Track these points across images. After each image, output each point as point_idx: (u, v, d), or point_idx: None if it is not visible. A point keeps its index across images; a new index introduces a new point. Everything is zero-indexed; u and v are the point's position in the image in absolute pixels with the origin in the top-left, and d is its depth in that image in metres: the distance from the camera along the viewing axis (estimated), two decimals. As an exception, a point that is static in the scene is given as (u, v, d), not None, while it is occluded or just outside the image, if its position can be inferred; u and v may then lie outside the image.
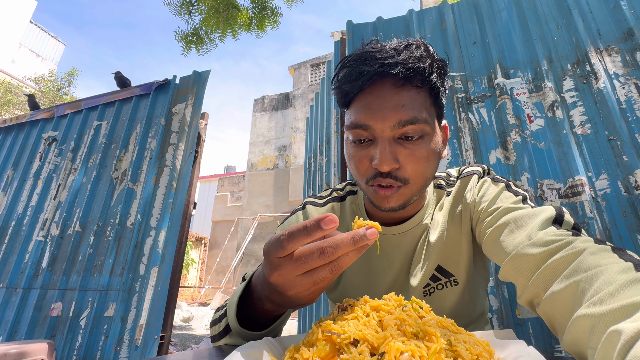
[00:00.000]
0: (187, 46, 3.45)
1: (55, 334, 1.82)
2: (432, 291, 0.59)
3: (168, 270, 1.79)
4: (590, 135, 1.30)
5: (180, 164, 2.05)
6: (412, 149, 0.50)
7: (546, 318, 0.37)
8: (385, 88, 0.49)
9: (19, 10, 14.72)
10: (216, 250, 11.56)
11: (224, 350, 0.42)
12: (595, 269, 0.31)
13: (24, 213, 2.36)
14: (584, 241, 0.36)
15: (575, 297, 0.32)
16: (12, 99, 9.71)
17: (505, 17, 1.59)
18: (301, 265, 0.32)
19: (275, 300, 0.38)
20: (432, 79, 0.50)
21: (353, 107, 0.52)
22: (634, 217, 1.16)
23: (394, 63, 0.48)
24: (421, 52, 0.50)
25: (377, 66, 0.48)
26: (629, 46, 1.33)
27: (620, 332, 0.24)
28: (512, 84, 1.47)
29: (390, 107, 0.48)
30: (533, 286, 0.38)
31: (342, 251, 0.31)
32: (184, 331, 5.02)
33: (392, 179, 0.50)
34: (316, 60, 10.59)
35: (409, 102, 0.49)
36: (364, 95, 0.51)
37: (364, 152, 0.51)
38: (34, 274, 2.07)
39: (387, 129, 0.49)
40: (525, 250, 0.40)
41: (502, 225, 0.48)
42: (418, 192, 0.53)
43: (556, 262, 0.36)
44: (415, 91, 0.50)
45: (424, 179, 0.52)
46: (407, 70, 0.48)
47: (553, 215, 0.44)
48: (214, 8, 3.16)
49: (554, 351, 1.15)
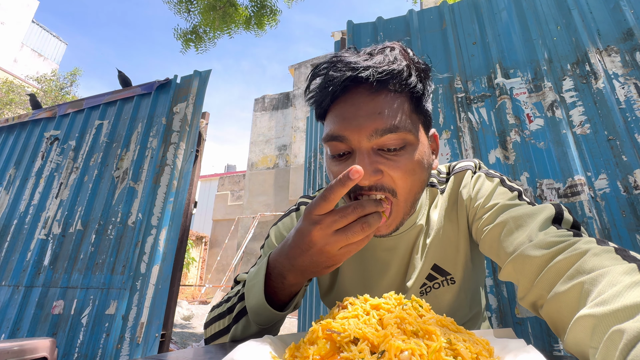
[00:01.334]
0: (185, 44, 3.47)
1: (57, 332, 1.84)
2: (429, 290, 0.59)
3: (169, 268, 1.80)
4: (589, 135, 1.30)
5: (181, 163, 2.06)
6: (395, 160, 0.46)
7: (549, 319, 0.37)
8: (360, 95, 0.46)
9: (21, 10, 14.76)
10: (216, 249, 11.58)
11: (224, 348, 0.42)
12: (599, 270, 0.31)
13: (26, 211, 2.38)
14: (587, 242, 0.36)
15: (579, 298, 0.32)
16: (15, 98, 9.74)
17: (505, 17, 1.59)
18: (339, 220, 0.39)
19: (302, 266, 0.43)
20: (411, 83, 0.46)
21: (328, 118, 0.49)
22: (633, 216, 1.16)
23: (365, 67, 0.44)
24: (395, 55, 0.47)
25: (347, 71, 0.45)
26: (629, 46, 1.33)
27: (622, 332, 0.24)
28: (511, 84, 1.47)
29: (366, 115, 0.45)
30: (537, 288, 0.38)
31: (368, 205, 0.39)
32: (185, 329, 5.04)
33: (377, 191, 0.46)
34: (317, 60, 10.58)
35: (386, 109, 0.45)
36: (338, 104, 0.47)
37: (342, 167, 0.47)
38: (35, 272, 2.08)
39: (364, 139, 0.45)
40: (528, 251, 0.40)
41: (501, 224, 0.47)
42: (409, 209, 0.50)
43: (559, 264, 0.36)
44: (392, 97, 0.46)
45: (413, 194, 0.49)
46: (379, 73, 0.44)
47: (552, 214, 0.43)
48: (212, 5, 3.17)
49: (552, 350, 1.15)
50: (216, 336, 0.52)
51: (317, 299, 2.04)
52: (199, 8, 3.26)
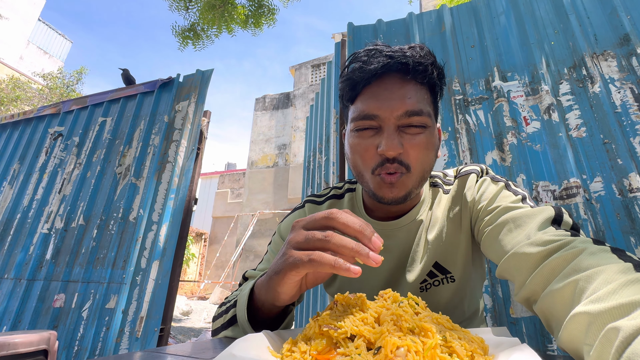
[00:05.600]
0: (183, 41, 3.49)
1: (57, 325, 1.86)
2: (429, 287, 0.60)
3: (169, 264, 1.83)
4: (585, 139, 1.31)
5: (182, 160, 2.08)
6: (414, 137, 0.52)
7: (542, 315, 0.37)
8: (393, 81, 0.52)
9: (28, 8, 14.86)
10: (216, 246, 11.62)
11: (222, 343, 0.43)
12: (595, 268, 0.31)
13: (29, 206, 2.41)
14: (583, 241, 0.37)
15: (573, 295, 0.32)
16: (21, 94, 9.80)
17: (504, 21, 1.60)
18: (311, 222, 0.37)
19: (269, 272, 0.41)
20: (433, 78, 0.54)
21: (361, 99, 0.54)
22: (627, 219, 1.17)
23: (403, 56, 0.52)
24: (425, 52, 0.54)
25: (386, 59, 0.51)
26: (625, 51, 1.35)
27: (618, 330, 0.24)
28: (509, 87, 1.49)
29: (398, 98, 0.51)
30: (531, 284, 0.38)
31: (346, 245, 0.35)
32: (183, 324, 5.07)
33: (397, 164, 0.51)
34: (317, 61, 10.61)
35: (414, 95, 0.52)
36: (372, 87, 0.53)
37: (369, 141, 0.53)
38: (38, 265, 2.11)
39: (394, 118, 0.51)
40: (524, 249, 0.40)
41: (501, 224, 0.48)
42: (417, 183, 0.54)
43: (555, 261, 0.36)
44: (419, 87, 0.53)
45: (423, 169, 0.54)
46: (414, 64, 0.51)
47: (552, 216, 0.44)
48: (210, 3, 3.19)
49: (546, 350, 1.16)
50: (217, 331, 0.53)
51: (315, 295, 2.05)
52: (197, 6, 3.28)
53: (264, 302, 0.44)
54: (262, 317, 0.47)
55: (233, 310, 0.49)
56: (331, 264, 0.33)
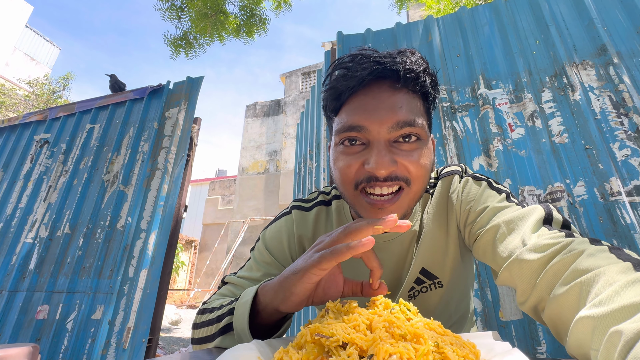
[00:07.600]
0: (176, 50, 3.49)
1: (40, 337, 1.80)
2: (417, 294, 0.59)
3: (157, 272, 1.79)
4: (567, 144, 1.35)
5: (172, 167, 2.06)
6: (409, 152, 0.47)
7: (551, 323, 0.36)
8: (382, 89, 0.47)
9: (15, 15, 14.64)
10: (206, 253, 11.45)
11: (212, 353, 0.42)
12: (595, 270, 0.31)
13: (13, 215, 2.34)
14: (580, 243, 0.36)
15: (578, 300, 0.32)
16: (6, 100, 9.60)
17: (487, 32, 1.66)
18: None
19: (282, 274, 0.41)
20: (426, 86, 0.49)
21: (345, 110, 0.48)
22: (610, 222, 1.21)
23: (393, 62, 0.46)
24: (417, 57, 0.49)
25: (374, 65, 0.45)
26: (603, 61, 1.40)
27: (620, 333, 0.24)
28: (494, 95, 1.53)
29: (388, 108, 0.45)
30: (537, 291, 0.38)
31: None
32: (172, 334, 4.95)
33: (391, 181, 0.46)
34: (307, 69, 10.71)
35: (406, 105, 0.46)
36: (358, 97, 0.47)
37: (354, 156, 0.47)
38: (20, 276, 2.04)
39: (384, 130, 0.45)
40: (523, 256, 0.40)
41: (494, 228, 0.47)
42: (415, 199, 0.49)
43: (556, 267, 0.36)
44: (411, 95, 0.48)
45: (422, 185, 0.49)
46: (405, 70, 0.46)
47: (542, 216, 0.44)
48: (203, 12, 3.21)
49: (535, 353, 1.17)
50: (203, 340, 0.51)
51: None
52: (189, 15, 3.30)
53: (266, 307, 0.43)
54: (258, 323, 0.45)
55: (228, 319, 0.46)
56: (346, 247, 0.35)
